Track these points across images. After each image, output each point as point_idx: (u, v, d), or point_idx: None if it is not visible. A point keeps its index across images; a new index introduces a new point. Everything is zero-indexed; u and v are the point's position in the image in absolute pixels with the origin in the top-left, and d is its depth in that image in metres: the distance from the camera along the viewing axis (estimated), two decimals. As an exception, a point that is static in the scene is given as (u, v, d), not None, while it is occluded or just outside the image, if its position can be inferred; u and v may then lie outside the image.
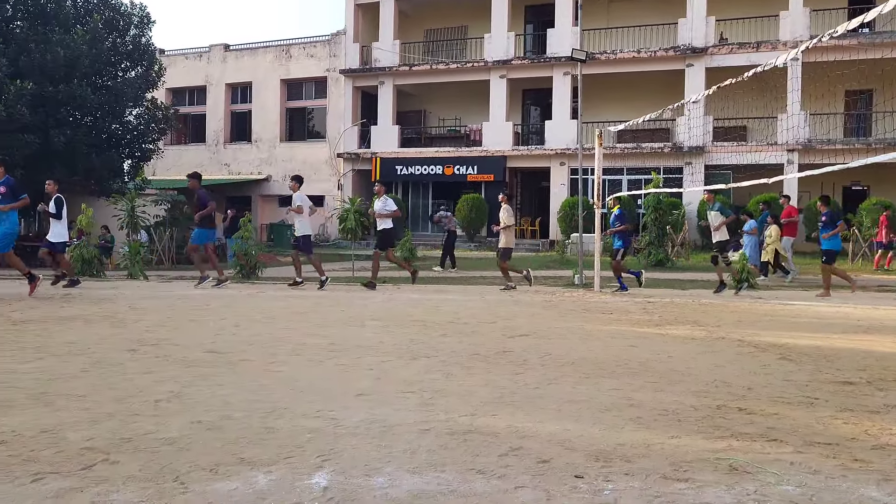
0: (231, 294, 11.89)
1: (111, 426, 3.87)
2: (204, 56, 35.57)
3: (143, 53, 25.28)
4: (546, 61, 29.49)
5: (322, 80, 33.56)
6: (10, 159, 19.97)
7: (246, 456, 3.42)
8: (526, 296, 12.10)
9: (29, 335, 6.98)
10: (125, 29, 24.87)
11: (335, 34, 33.03)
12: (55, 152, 21.20)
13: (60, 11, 22.92)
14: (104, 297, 10.84)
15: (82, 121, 22.97)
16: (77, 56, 21.40)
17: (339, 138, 32.25)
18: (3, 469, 3.17)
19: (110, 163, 23.48)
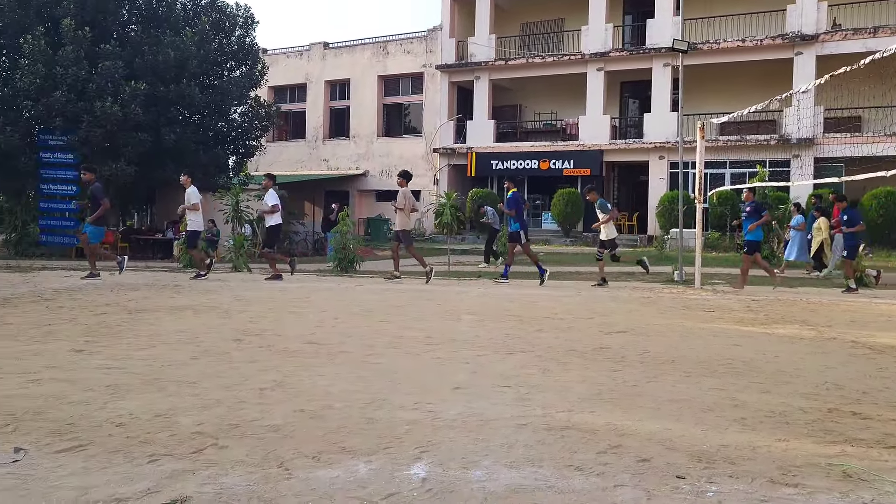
0: (329, 287, 12.15)
1: (219, 412, 4.03)
2: (304, 54, 36.45)
3: (248, 53, 26.08)
4: (645, 53, 28.83)
5: (418, 76, 33.86)
6: (127, 156, 21.03)
7: (347, 445, 3.50)
8: (623, 292, 11.89)
9: (143, 324, 7.34)
10: (231, 30, 25.71)
11: (431, 30, 33.26)
12: (166, 149, 22.14)
13: (171, 14, 23.91)
14: (211, 289, 11.28)
15: (191, 119, 23.90)
16: (186, 57, 22.27)
17: (435, 133, 32.49)
18: (123, 450, 3.34)
19: (216, 159, 24.34)
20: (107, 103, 20.41)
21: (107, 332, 6.73)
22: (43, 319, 7.50)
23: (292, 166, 35.08)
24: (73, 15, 21.06)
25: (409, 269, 15.01)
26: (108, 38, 21.82)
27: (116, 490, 2.86)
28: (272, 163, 34.34)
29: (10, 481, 2.93)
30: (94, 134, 20.83)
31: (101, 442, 3.45)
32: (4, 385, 4.55)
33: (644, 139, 29.08)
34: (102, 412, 3.97)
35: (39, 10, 21.64)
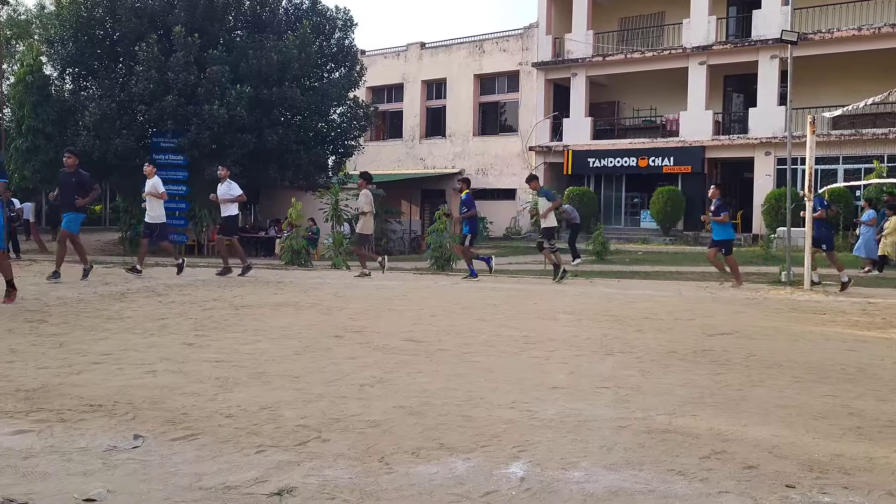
0: (426, 285, 12.28)
1: (321, 406, 4.14)
2: (401, 55, 36.92)
3: (347, 55, 26.66)
4: (751, 45, 27.80)
5: (514, 74, 33.75)
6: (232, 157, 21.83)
7: (445, 442, 3.53)
8: (727, 293, 11.52)
9: (248, 319, 7.61)
10: (330, 32, 26.34)
11: (528, 27, 33.09)
12: (268, 150, 22.90)
13: (274, 19, 24.71)
14: (312, 286, 11.58)
15: (292, 120, 24.62)
16: (288, 60, 22.96)
17: (531, 131, 32.31)
18: (232, 440, 3.48)
19: (316, 159, 24.98)
20: (214, 106, 21.27)
21: (215, 327, 7.01)
22: (157, 313, 7.88)
23: (389, 165, 35.59)
24: (184, 23, 22.03)
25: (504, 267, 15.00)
26: (215, 44, 22.71)
27: (227, 478, 2.98)
28: (370, 162, 34.92)
29: (131, 466, 3.10)
30: (203, 136, 21.74)
31: (211, 431, 3.60)
32: (124, 375, 4.81)
33: (749, 135, 28.06)
34: (213, 403, 4.14)
35: (153, 19, 22.74)
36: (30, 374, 4.79)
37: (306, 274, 14.35)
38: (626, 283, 12.94)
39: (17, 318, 7.26)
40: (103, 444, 3.37)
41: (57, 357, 5.37)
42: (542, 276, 14.62)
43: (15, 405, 4.00)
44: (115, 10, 22.92)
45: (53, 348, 5.72)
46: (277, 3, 25.33)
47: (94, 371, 4.93)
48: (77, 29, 23.12)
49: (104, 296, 9.41)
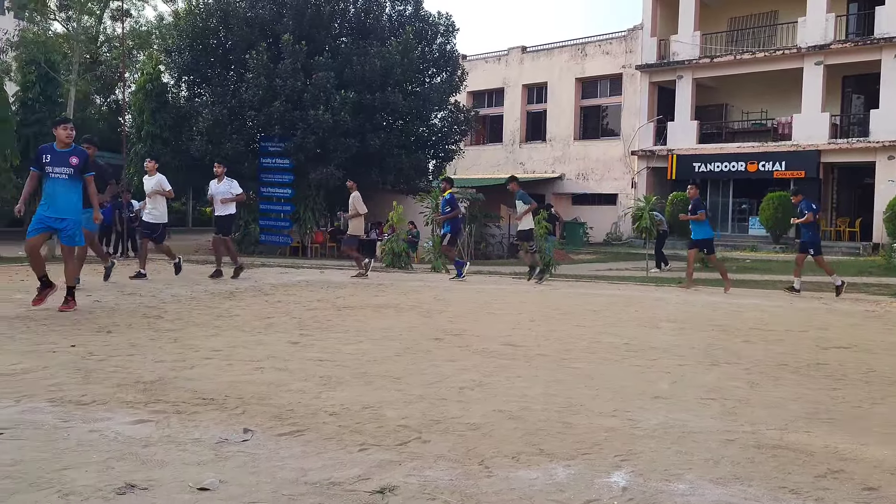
0: (525, 290, 12.23)
1: (422, 407, 4.18)
2: (502, 59, 36.94)
3: (448, 60, 26.89)
4: (874, 43, 26.39)
5: (617, 77, 33.21)
6: (335, 161, 22.37)
7: (545, 448, 3.50)
8: (844, 304, 10.97)
9: (350, 320, 7.77)
10: (433, 38, 26.64)
11: (631, 29, 32.51)
12: (371, 154, 23.35)
13: (378, 26, 25.20)
14: (412, 288, 11.72)
15: (394, 125, 25.02)
16: (391, 66, 23.36)
17: (634, 135, 31.72)
18: (336, 437, 3.56)
19: (417, 163, 25.29)
20: (319, 111, 21.86)
21: (318, 327, 7.19)
22: (263, 312, 8.15)
23: (489, 170, 35.65)
24: (292, 31, 22.75)
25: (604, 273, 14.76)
26: (321, 51, 23.34)
27: (331, 474, 3.05)
28: (470, 166, 35.10)
29: (241, 458, 3.21)
30: (308, 140, 22.38)
31: (316, 428, 3.70)
32: (234, 371, 5.00)
33: (870, 138, 26.64)
34: (317, 401, 4.25)
35: (263, 28, 23.58)
36: (148, 367, 5.04)
37: (406, 276, 14.53)
38: (732, 291, 12.50)
39: (136, 314, 7.65)
40: (215, 436, 3.51)
41: (172, 352, 5.63)
42: (644, 283, 14.32)
43: (135, 396, 4.22)
44: (227, 20, 23.90)
45: (169, 343, 6.00)
46: (381, 10, 25.81)
47: (206, 366, 5.14)
48: (193, 39, 24.24)
49: (215, 294, 9.80)
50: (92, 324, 6.93)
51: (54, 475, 2.94)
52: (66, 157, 7.64)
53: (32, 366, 4.95)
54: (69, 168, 7.62)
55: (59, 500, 2.70)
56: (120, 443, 3.37)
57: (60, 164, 7.61)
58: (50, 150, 7.70)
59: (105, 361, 5.17)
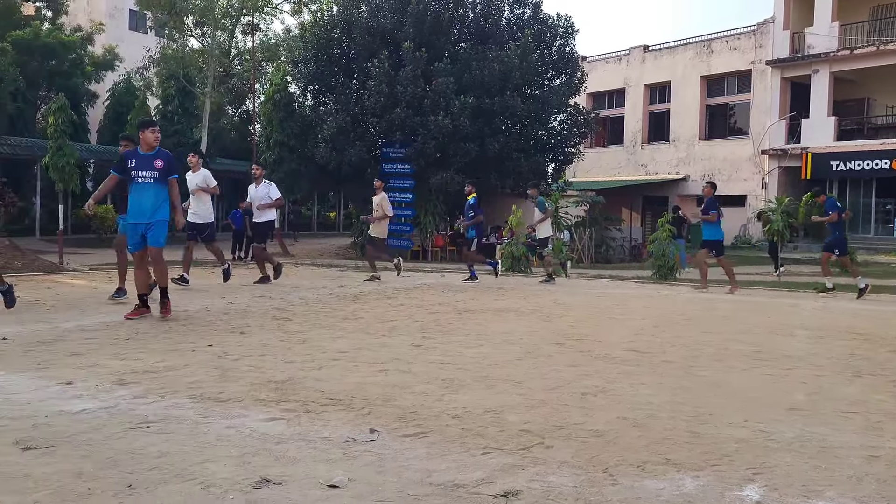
0: (648, 294, 11.95)
1: (544, 412, 4.16)
2: (623, 59, 36.24)
3: (568, 62, 26.62)
4: None
5: (746, 74, 31.92)
6: (455, 165, 22.58)
7: (672, 457, 3.41)
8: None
9: (471, 324, 7.82)
10: (552, 40, 26.45)
11: (761, 23, 31.17)
12: (490, 158, 23.44)
13: (496, 30, 25.25)
14: (532, 292, 11.68)
15: (513, 128, 25.00)
16: (510, 70, 23.36)
17: (764, 134, 30.38)
18: (459, 440, 3.60)
19: (536, 166, 25.16)
20: (439, 117, 22.14)
21: (440, 330, 7.28)
22: (387, 315, 8.33)
23: (609, 172, 35.06)
24: (412, 38, 23.15)
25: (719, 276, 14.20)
26: (440, 57, 23.63)
27: (455, 476, 3.09)
28: (590, 169, 34.64)
29: (368, 458, 3.30)
30: (428, 146, 22.70)
31: (440, 431, 3.75)
32: (360, 373, 5.14)
33: None
34: (440, 403, 4.30)
35: (384, 37, 24.12)
36: (278, 367, 5.26)
37: (526, 280, 14.49)
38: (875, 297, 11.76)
39: (266, 316, 7.99)
40: (343, 435, 3.63)
41: (301, 353, 5.84)
42: (775, 288, 13.69)
43: (267, 395, 4.41)
44: (350, 31, 24.60)
45: (298, 344, 6.23)
46: (500, 15, 25.86)
47: (333, 367, 5.31)
48: (318, 49, 25.09)
49: (340, 297, 10.11)
50: (226, 325, 7.29)
51: (197, 468, 3.11)
52: (150, 161, 7.49)
53: (174, 364, 5.26)
54: (154, 171, 7.46)
55: (202, 492, 2.86)
56: (255, 439, 3.54)
57: (146, 167, 7.46)
58: (135, 155, 7.56)
59: (239, 361, 5.43)
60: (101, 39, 35.42)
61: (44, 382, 4.62)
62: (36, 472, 3.02)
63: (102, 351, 5.72)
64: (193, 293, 10.14)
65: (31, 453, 3.26)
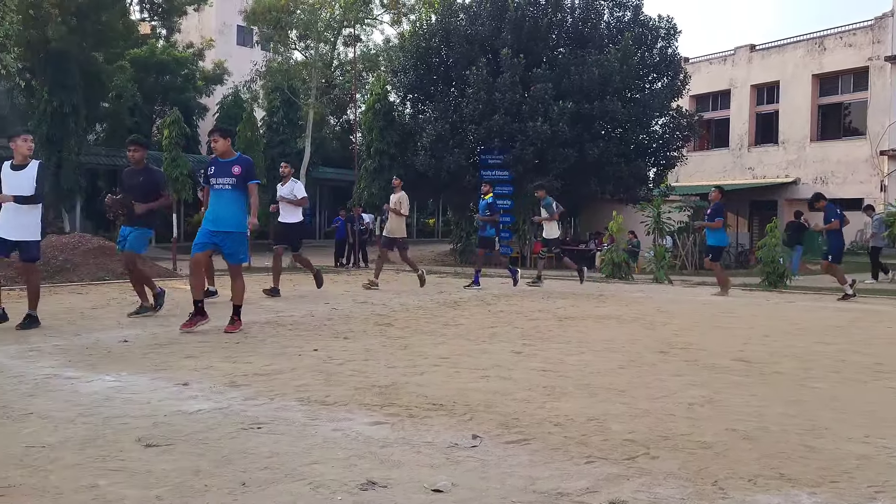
0: (757, 302, 11.53)
1: (648, 422, 4.07)
2: (728, 59, 35.10)
3: (669, 64, 26.03)
4: None
5: (862, 71, 30.32)
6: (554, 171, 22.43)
7: (786, 472, 3.28)
8: None
9: (571, 331, 7.74)
10: (653, 42, 25.93)
11: (880, 17, 29.57)
12: (589, 164, 23.17)
13: (595, 34, 24.96)
14: (633, 299, 11.46)
15: (613, 133, 24.63)
16: (609, 73, 23.04)
17: (883, 134, 28.78)
18: (562, 448, 3.57)
19: (637, 171, 24.71)
20: (538, 123, 22.06)
21: (540, 337, 7.24)
22: (486, 322, 8.35)
23: (714, 176, 33.99)
24: (510, 45, 23.17)
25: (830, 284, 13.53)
26: (538, 63, 23.55)
27: (559, 484, 3.06)
28: (693, 173, 33.73)
29: (471, 463, 3.32)
30: (527, 152, 22.64)
31: (542, 438, 3.73)
32: (461, 378, 5.17)
33: None
34: (541, 411, 4.28)
35: (482, 44, 24.23)
36: (381, 371, 5.35)
37: (627, 287, 14.23)
38: None
39: (369, 322, 8.15)
40: (446, 440, 3.66)
41: (403, 358, 5.93)
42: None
43: (371, 399, 4.50)
44: (449, 39, 24.83)
45: (399, 350, 6.33)
46: (599, 18, 25.57)
47: (434, 372, 5.36)
48: (417, 58, 25.45)
49: (440, 304, 10.19)
50: (330, 330, 7.47)
51: (305, 468, 3.21)
52: (228, 168, 7.23)
53: (282, 367, 5.44)
54: (231, 178, 7.19)
55: (311, 492, 2.94)
56: (360, 442, 3.61)
57: (223, 174, 7.24)
58: (214, 162, 7.39)
59: (343, 365, 5.56)
60: (211, 55, 37.09)
61: (162, 383, 4.86)
62: (157, 469, 3.18)
63: (215, 354, 5.97)
64: (298, 300, 10.44)
65: (153, 450, 3.44)
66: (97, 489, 2.94)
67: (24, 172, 7.23)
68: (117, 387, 4.75)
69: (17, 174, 7.24)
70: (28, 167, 7.27)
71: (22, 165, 7.27)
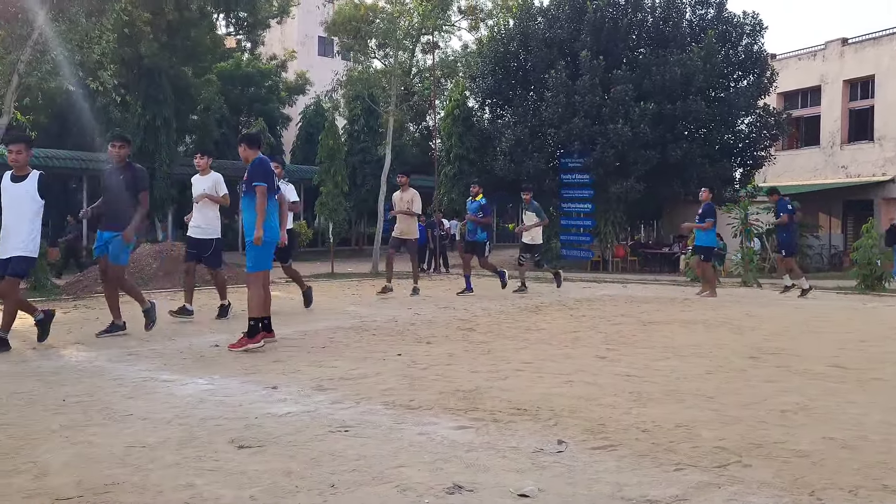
0: (852, 306, 11.07)
1: (740, 430, 3.96)
2: (818, 54, 33.79)
3: (755, 61, 25.27)
4: None
5: (963, 62, 28.81)
6: (635, 174, 22.05)
7: (890, 483, 3.15)
8: None
9: (657, 336, 7.60)
10: (737, 39, 25.22)
11: (981, 5, 28.05)
12: (672, 165, 22.68)
13: (677, 33, 24.43)
14: (720, 303, 11.17)
15: (696, 133, 24.05)
16: (692, 73, 22.52)
17: None
18: (650, 455, 3.51)
19: (722, 172, 24.05)
20: (618, 125, 21.75)
21: (624, 342, 7.13)
22: (569, 327, 8.27)
23: (804, 175, 32.79)
24: (589, 47, 22.93)
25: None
26: (619, 64, 23.22)
27: (648, 492, 3.01)
28: (782, 173, 32.58)
29: (558, 469, 3.30)
30: (607, 154, 22.34)
31: (629, 444, 3.67)
32: (544, 383, 5.14)
33: None
34: (628, 417, 4.22)
35: (561, 47, 24.06)
36: (465, 376, 5.37)
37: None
38: None
39: (451, 327, 8.19)
40: (531, 445, 3.64)
41: (486, 363, 5.94)
42: None
43: (456, 403, 4.52)
44: (527, 43, 24.76)
45: (482, 355, 6.34)
46: (681, 17, 25.04)
47: (517, 377, 5.35)
48: (495, 63, 25.47)
49: (522, 308, 10.16)
50: (413, 335, 7.54)
51: (392, 471, 3.25)
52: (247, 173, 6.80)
53: (367, 371, 5.52)
54: (243, 184, 6.81)
55: (398, 494, 2.98)
56: (445, 446, 3.63)
57: (245, 182, 6.78)
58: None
59: (427, 370, 5.60)
60: (293, 66, 38.00)
61: (252, 386, 5.00)
62: (250, 469, 3.28)
63: (301, 358, 6.11)
64: (381, 305, 10.57)
65: (245, 451, 3.54)
66: (194, 488, 3.05)
67: (22, 185, 6.56)
68: (210, 389, 4.91)
69: (16, 186, 6.57)
70: (28, 178, 6.58)
71: (22, 177, 6.58)
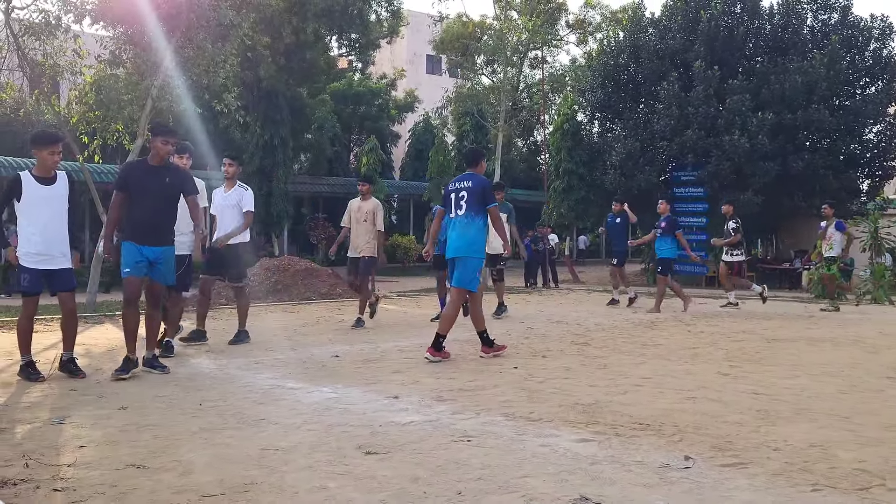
0: None
1: (881, 452, 3.77)
2: (954, 58, 31.77)
3: (885, 67, 23.92)
4: None
5: None
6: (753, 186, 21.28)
7: None
8: None
9: (782, 353, 7.30)
10: (864, 44, 23.97)
11: None
12: (792, 177, 21.72)
13: (797, 39, 23.44)
14: (849, 321, 10.63)
15: (819, 144, 22.96)
16: (814, 80, 21.54)
17: None
18: (783, 474, 3.39)
19: (848, 183, 22.86)
20: (735, 136, 21.04)
21: (747, 359, 6.89)
22: (687, 342, 8.06)
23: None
24: (703, 57, 22.32)
25: None
26: (734, 74, 22.49)
27: (785, 512, 2.91)
28: (913, 183, 30.70)
29: (686, 485, 3.23)
30: (723, 167, 21.63)
31: (760, 463, 3.55)
32: (665, 399, 5.04)
33: None
34: (756, 435, 4.08)
35: (673, 58, 23.54)
36: (583, 390, 5.33)
37: (842, 307, 13.19)
38: None
39: (565, 341, 8.13)
40: (657, 460, 3.58)
41: (603, 377, 5.87)
42: None
43: (576, 416, 4.50)
44: (638, 55, 24.35)
45: (599, 369, 6.27)
46: (801, 23, 24.05)
47: (637, 392, 5.26)
48: (605, 77, 25.16)
49: (636, 324, 9.98)
50: (528, 349, 7.54)
51: (517, 481, 3.27)
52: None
53: (485, 383, 5.56)
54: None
55: (525, 504, 3.00)
56: (569, 458, 3.62)
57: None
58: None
59: (544, 383, 5.59)
60: (402, 84, 38.82)
61: (373, 396, 5.13)
62: (379, 475, 3.37)
63: (419, 369, 6.22)
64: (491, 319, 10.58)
65: (373, 457, 3.64)
66: (327, 490, 3.16)
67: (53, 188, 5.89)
68: (334, 398, 5.07)
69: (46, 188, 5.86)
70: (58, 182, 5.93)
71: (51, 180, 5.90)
